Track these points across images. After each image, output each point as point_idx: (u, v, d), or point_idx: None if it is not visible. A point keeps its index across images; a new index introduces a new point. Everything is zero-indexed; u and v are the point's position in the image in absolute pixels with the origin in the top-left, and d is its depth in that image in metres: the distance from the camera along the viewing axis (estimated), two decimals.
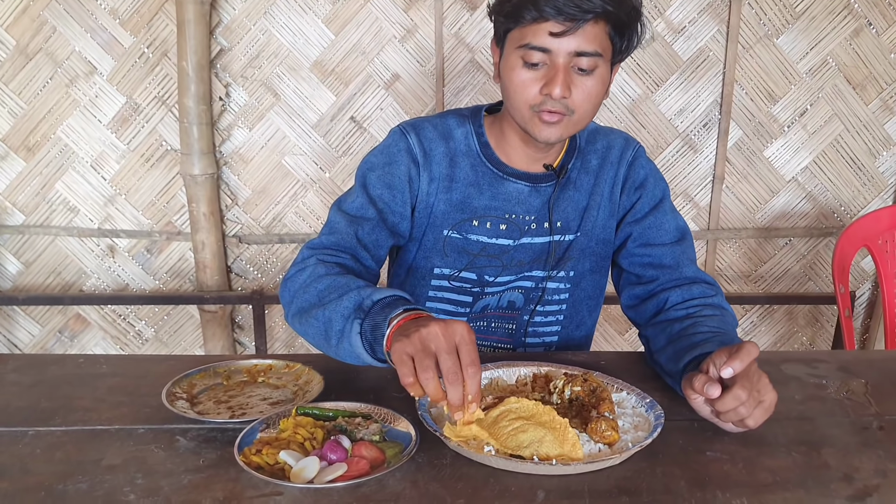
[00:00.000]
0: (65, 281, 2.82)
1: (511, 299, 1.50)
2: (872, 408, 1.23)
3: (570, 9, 1.21)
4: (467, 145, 1.43)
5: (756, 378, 1.09)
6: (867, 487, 1.00)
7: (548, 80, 1.26)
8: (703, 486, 1.00)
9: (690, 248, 1.48)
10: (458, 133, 1.44)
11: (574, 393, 1.17)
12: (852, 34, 2.66)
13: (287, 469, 0.98)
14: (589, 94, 1.29)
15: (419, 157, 1.41)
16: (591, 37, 1.24)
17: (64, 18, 2.54)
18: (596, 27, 1.24)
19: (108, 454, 1.04)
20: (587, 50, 1.25)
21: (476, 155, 1.43)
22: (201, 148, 2.57)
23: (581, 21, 1.22)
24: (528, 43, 1.25)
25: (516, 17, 1.26)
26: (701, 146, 2.76)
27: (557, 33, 1.23)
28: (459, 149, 1.43)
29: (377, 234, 1.37)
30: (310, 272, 1.25)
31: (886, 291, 2.06)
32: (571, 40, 1.24)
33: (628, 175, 1.49)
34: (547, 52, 1.25)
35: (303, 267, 1.28)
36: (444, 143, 1.42)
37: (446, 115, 1.47)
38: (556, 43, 1.24)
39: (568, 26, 1.22)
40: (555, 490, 0.97)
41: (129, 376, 1.29)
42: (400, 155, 1.41)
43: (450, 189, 1.42)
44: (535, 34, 1.24)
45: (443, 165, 1.42)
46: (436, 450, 1.06)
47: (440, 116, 1.46)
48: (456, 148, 1.43)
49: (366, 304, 1.12)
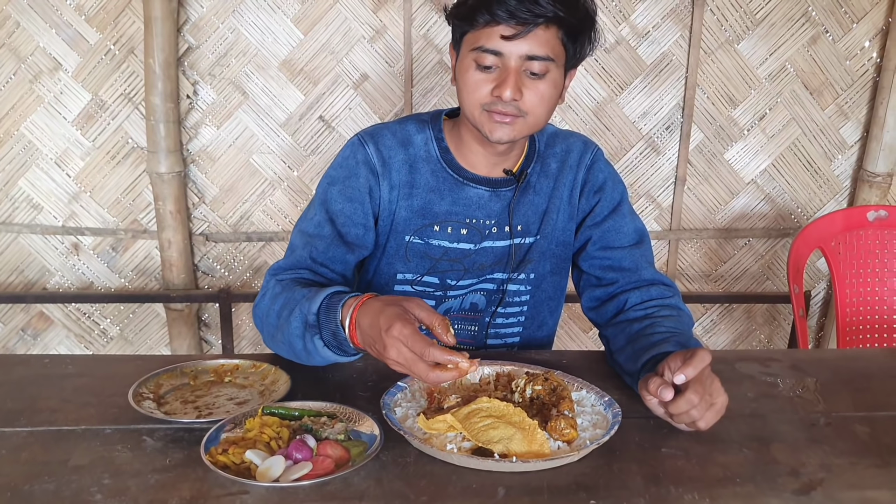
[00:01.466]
0: (28, 279, 2.79)
1: (473, 301, 1.52)
2: (821, 405, 1.28)
3: (521, 13, 1.24)
4: (427, 151, 1.45)
5: (708, 382, 1.13)
6: (812, 481, 1.05)
7: (499, 82, 1.29)
8: (658, 481, 1.04)
9: (649, 251, 1.52)
10: (417, 139, 1.45)
11: (535, 392, 1.20)
12: (810, 41, 2.74)
13: (253, 468, 1.00)
14: (541, 98, 1.31)
15: (377, 167, 1.41)
16: (542, 41, 1.27)
17: (28, 13, 2.51)
18: (548, 32, 1.27)
19: (74, 455, 1.05)
20: (538, 54, 1.27)
21: (436, 160, 1.45)
22: (168, 146, 2.56)
23: (532, 25, 1.25)
24: (480, 45, 1.28)
25: (470, 20, 1.29)
26: (664, 148, 2.82)
27: (509, 36, 1.26)
28: (419, 154, 1.44)
29: (333, 250, 1.38)
30: (269, 295, 1.32)
31: (839, 292, 2.13)
32: (523, 44, 1.26)
33: (587, 179, 1.52)
34: (499, 54, 1.28)
35: (264, 292, 1.34)
36: (403, 149, 1.43)
37: (406, 121, 1.48)
38: (507, 46, 1.26)
39: (519, 30, 1.25)
40: (515, 487, 1.01)
41: (95, 377, 1.30)
42: (358, 167, 1.42)
43: (410, 195, 1.43)
44: (488, 37, 1.27)
45: (402, 172, 1.43)
46: (400, 448, 1.08)
47: (400, 122, 1.47)
48: (416, 154, 1.44)
49: (311, 320, 1.18)
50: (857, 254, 2.15)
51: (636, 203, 2.87)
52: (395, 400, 1.20)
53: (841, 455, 1.12)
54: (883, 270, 2.15)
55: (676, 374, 1.11)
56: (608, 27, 2.67)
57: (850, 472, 1.07)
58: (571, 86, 2.66)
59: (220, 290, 2.73)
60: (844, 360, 1.52)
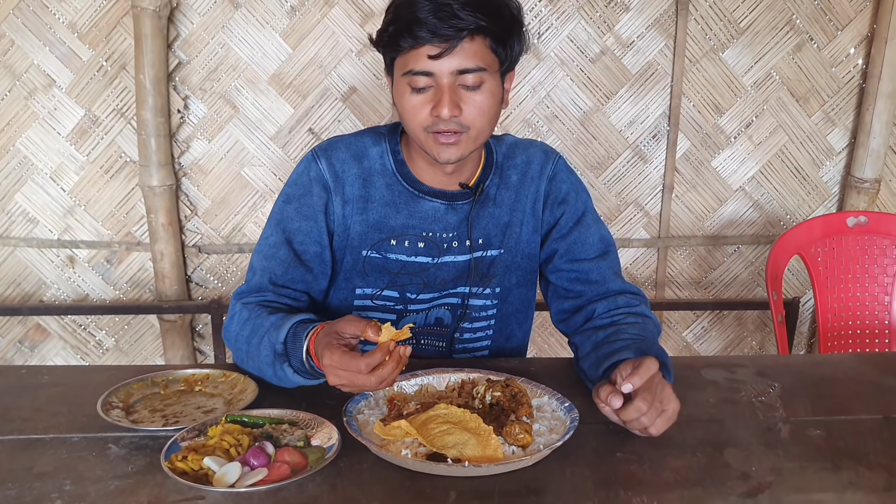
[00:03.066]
0: (24, 291, 2.84)
1: (438, 316, 1.52)
2: (780, 410, 1.30)
3: (443, 30, 1.23)
4: (382, 164, 1.44)
5: (659, 389, 1.15)
6: (761, 485, 1.06)
7: (435, 101, 1.28)
8: (608, 485, 1.06)
9: (615, 261, 1.52)
10: (373, 152, 1.45)
11: (494, 398, 1.22)
12: (795, 49, 2.75)
13: (211, 475, 1.02)
14: (480, 109, 1.30)
15: (330, 183, 1.42)
16: (470, 53, 1.26)
17: (22, 32, 2.57)
18: (474, 43, 1.26)
19: (39, 462, 1.08)
20: (469, 66, 1.26)
21: (391, 174, 1.44)
22: (159, 160, 2.61)
23: (456, 40, 1.24)
24: (410, 69, 1.27)
25: (395, 46, 1.28)
26: (651, 157, 2.84)
27: (435, 56, 1.25)
28: (374, 168, 1.44)
29: (292, 272, 1.41)
30: (237, 319, 1.36)
31: (819, 298, 2.14)
32: (452, 60, 1.25)
33: (549, 190, 1.51)
34: (430, 74, 1.27)
35: (232, 315, 1.38)
36: (357, 163, 1.44)
37: (363, 134, 1.48)
38: (436, 65, 1.26)
39: (444, 47, 1.24)
40: (466, 491, 1.03)
41: (69, 386, 1.33)
42: (311, 184, 1.42)
43: (365, 210, 1.43)
44: (416, 59, 1.26)
45: (356, 187, 1.43)
46: (358, 455, 1.11)
47: (356, 135, 1.48)
48: (371, 167, 1.44)
49: (278, 349, 1.23)
50: (837, 260, 2.16)
51: (624, 212, 2.89)
52: (358, 407, 1.23)
53: (793, 459, 1.13)
54: (864, 276, 2.17)
55: (623, 382, 1.13)
56: (593, 38, 2.70)
57: (800, 476, 1.09)
58: (557, 96, 2.74)
59: (213, 301, 2.77)
60: (811, 366, 1.54)
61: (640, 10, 2.69)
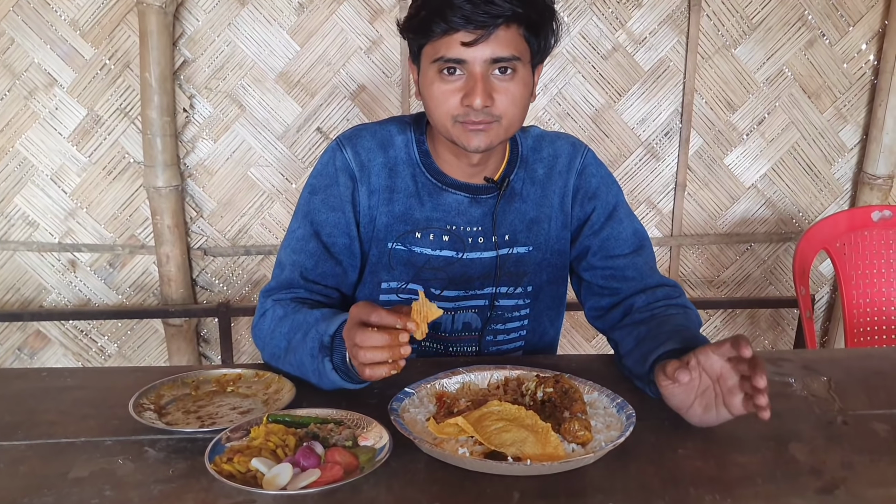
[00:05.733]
0: (24, 297, 2.76)
1: (465, 321, 1.46)
2: (836, 404, 1.26)
3: (478, 16, 1.18)
4: (408, 154, 1.40)
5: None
6: (835, 480, 1.02)
7: (467, 90, 1.23)
8: (677, 483, 1.01)
9: (650, 255, 1.48)
10: (398, 140, 1.40)
11: (546, 395, 1.17)
12: (807, 45, 2.73)
13: (259, 477, 0.96)
14: (513, 99, 1.26)
15: (356, 172, 1.38)
16: (504, 41, 1.22)
17: (22, 30, 2.50)
18: (509, 31, 1.22)
19: (74, 467, 1.01)
20: (503, 55, 1.22)
21: (416, 164, 1.40)
22: (165, 160, 2.54)
23: (492, 27, 1.20)
24: (441, 56, 1.23)
25: (426, 32, 1.24)
26: (663, 154, 2.81)
27: (469, 42, 1.20)
28: (399, 157, 1.39)
29: (322, 266, 1.37)
30: (270, 316, 1.32)
31: (845, 292, 2.11)
32: (485, 48, 1.21)
33: (579, 185, 1.46)
34: (462, 62, 1.22)
35: (263, 312, 1.34)
36: (383, 152, 1.39)
37: (388, 123, 1.43)
38: (469, 52, 1.21)
39: (479, 34, 1.20)
40: (530, 491, 0.98)
41: (94, 389, 1.27)
42: (337, 174, 1.38)
43: (391, 200, 1.39)
44: (448, 46, 1.22)
45: (382, 177, 1.38)
46: (409, 454, 1.05)
47: (381, 123, 1.43)
48: (396, 156, 1.39)
49: (325, 341, 1.18)
50: (862, 254, 2.13)
51: (637, 210, 2.85)
52: (402, 406, 1.17)
53: (861, 453, 1.09)
54: (889, 270, 2.14)
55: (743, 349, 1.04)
56: (605, 34, 2.67)
57: (873, 470, 1.05)
58: (569, 93, 2.70)
59: (219, 305, 2.70)
60: (856, 359, 1.50)
61: (652, 6, 2.66)
